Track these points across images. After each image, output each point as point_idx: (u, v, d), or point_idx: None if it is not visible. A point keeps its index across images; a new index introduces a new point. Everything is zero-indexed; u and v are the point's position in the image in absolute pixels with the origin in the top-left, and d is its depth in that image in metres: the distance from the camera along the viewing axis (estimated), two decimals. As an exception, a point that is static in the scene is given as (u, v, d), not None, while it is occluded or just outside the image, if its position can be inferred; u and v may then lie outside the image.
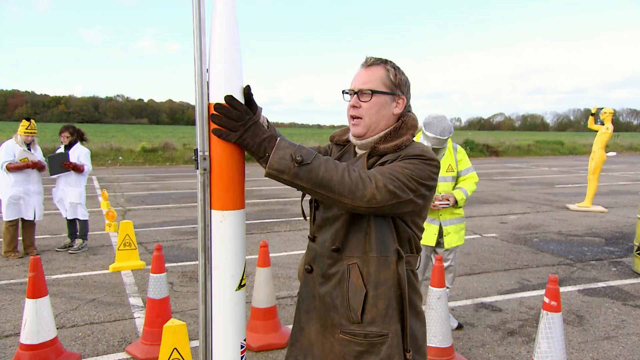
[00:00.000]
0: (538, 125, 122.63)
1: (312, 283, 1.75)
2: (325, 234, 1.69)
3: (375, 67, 1.69)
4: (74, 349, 3.86)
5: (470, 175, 4.23)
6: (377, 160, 1.67)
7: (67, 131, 6.96)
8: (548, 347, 3.22)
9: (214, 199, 1.56)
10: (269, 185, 14.76)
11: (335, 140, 1.86)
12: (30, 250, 6.72)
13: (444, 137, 3.80)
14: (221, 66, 1.52)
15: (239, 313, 1.60)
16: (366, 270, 1.62)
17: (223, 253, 1.57)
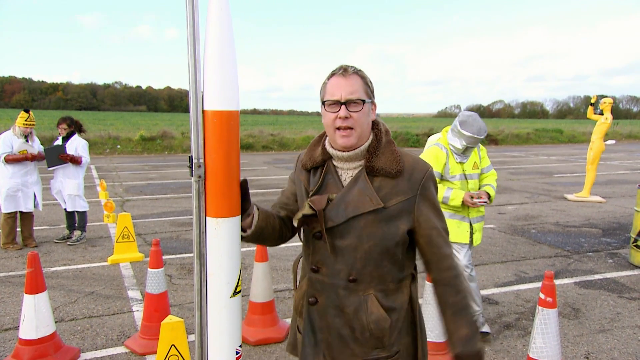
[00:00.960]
0: (537, 113, 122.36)
1: (318, 315, 1.69)
2: (339, 265, 1.63)
3: (354, 76, 1.64)
4: (73, 342, 3.89)
5: (491, 173, 4.19)
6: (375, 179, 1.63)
7: (64, 122, 6.92)
8: (543, 342, 3.25)
9: (209, 206, 1.57)
10: (267, 175, 14.76)
11: (310, 165, 1.75)
12: (29, 242, 6.74)
13: (480, 137, 3.77)
14: (216, 74, 1.52)
15: (234, 319, 1.61)
16: (384, 299, 1.64)
17: (218, 260, 1.57)
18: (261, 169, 16.17)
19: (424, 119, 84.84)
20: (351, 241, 1.60)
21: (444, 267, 1.66)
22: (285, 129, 31.55)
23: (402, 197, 1.61)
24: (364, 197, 1.60)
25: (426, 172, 1.66)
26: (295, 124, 42.77)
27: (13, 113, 55.70)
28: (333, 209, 1.61)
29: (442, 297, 1.67)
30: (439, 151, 3.95)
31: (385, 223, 1.59)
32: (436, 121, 58.96)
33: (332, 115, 1.63)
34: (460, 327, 1.62)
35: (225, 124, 1.54)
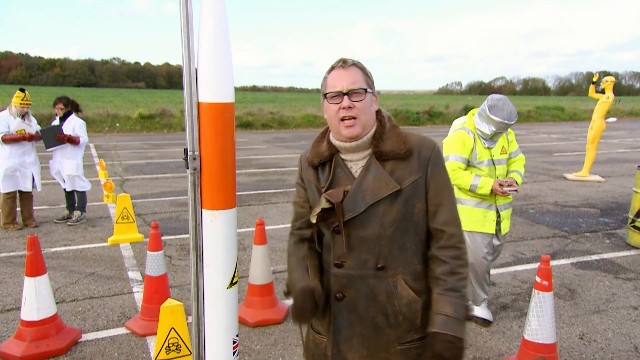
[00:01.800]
0: (539, 89, 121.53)
1: (347, 310, 1.66)
2: (364, 254, 1.62)
3: (353, 68, 1.65)
4: (74, 323, 3.94)
5: (519, 158, 4.02)
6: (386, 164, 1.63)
7: (61, 102, 6.88)
8: (538, 325, 3.30)
9: (205, 198, 1.57)
10: (266, 154, 14.73)
11: (317, 161, 1.72)
12: (29, 222, 6.77)
13: (511, 122, 3.63)
14: (210, 66, 1.50)
15: (230, 310, 1.62)
16: (413, 282, 1.64)
17: (214, 252, 1.58)
18: (260, 148, 16.14)
19: (425, 96, 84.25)
20: (374, 229, 1.60)
21: (445, 245, 1.64)
22: (285, 107, 31.38)
23: (415, 175, 1.62)
24: (379, 182, 1.60)
25: (433, 148, 1.67)
26: (295, 102, 42.51)
27: (10, 89, 55.22)
28: (350, 200, 1.61)
29: (435, 273, 1.64)
30: (466, 136, 3.79)
31: (404, 205, 1.60)
32: (437, 98, 58.56)
33: (335, 107, 1.62)
34: (444, 305, 1.58)
35: (219, 116, 1.53)
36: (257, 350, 3.58)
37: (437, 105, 31.95)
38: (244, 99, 46.84)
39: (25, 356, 3.39)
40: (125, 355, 3.48)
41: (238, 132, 22.43)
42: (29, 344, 3.44)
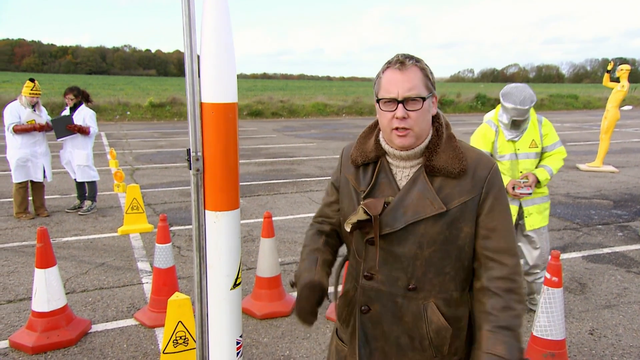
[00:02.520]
0: (553, 77, 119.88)
1: (371, 323, 1.57)
2: (396, 272, 1.51)
3: (412, 69, 1.47)
4: (84, 314, 3.99)
5: (557, 151, 3.82)
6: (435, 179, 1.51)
7: (71, 93, 6.90)
8: (547, 321, 3.27)
9: (208, 199, 1.55)
10: (276, 144, 14.72)
11: (361, 161, 1.60)
12: (41, 211, 6.84)
13: (524, 107, 3.56)
14: (213, 66, 1.47)
15: (234, 311, 1.62)
16: (446, 308, 1.52)
17: (217, 253, 1.57)
18: (270, 137, 16.12)
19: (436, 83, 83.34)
20: (410, 248, 1.48)
21: (497, 276, 1.48)
22: (295, 95, 31.27)
23: (465, 197, 1.48)
24: (424, 200, 1.47)
25: (491, 168, 1.52)
26: (305, 89, 42.35)
27: (24, 77, 55.69)
28: (390, 214, 1.48)
29: (485, 307, 1.47)
30: (488, 129, 3.79)
31: (448, 227, 1.47)
32: (448, 86, 57.98)
33: (388, 115, 1.47)
34: (496, 345, 1.41)
35: (222, 116, 1.51)
36: (265, 343, 3.60)
37: (449, 93, 31.64)
38: (254, 87, 46.78)
39: (37, 346, 3.43)
40: (134, 347, 3.52)
41: (248, 121, 22.45)
42: (40, 335, 3.49)
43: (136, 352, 3.45)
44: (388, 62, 1.51)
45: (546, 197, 3.91)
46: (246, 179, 9.39)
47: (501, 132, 3.76)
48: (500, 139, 3.76)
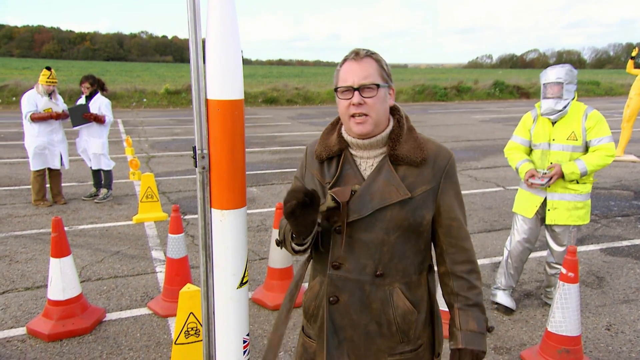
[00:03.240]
0: (574, 62, 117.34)
1: (340, 314, 1.59)
2: (364, 259, 1.55)
3: (367, 60, 1.54)
4: (99, 302, 4.04)
5: (602, 147, 3.53)
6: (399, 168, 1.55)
7: (87, 81, 6.94)
8: (562, 317, 3.21)
9: (214, 197, 1.53)
10: (290, 132, 14.69)
11: (325, 155, 1.64)
12: (58, 199, 6.93)
13: (552, 70, 3.50)
14: (219, 61, 1.44)
15: (241, 310, 1.60)
16: (408, 292, 1.59)
17: (224, 252, 1.56)
18: (285, 125, 16.09)
19: (454, 70, 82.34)
20: (377, 234, 1.53)
21: (460, 260, 1.61)
22: (310, 82, 31.13)
23: (427, 185, 1.55)
24: (389, 187, 1.52)
25: (449, 159, 1.60)
26: (321, 76, 42.11)
27: (43, 63, 56.27)
28: (357, 201, 1.52)
29: (453, 289, 1.61)
30: (528, 116, 3.78)
31: (412, 213, 1.53)
32: (466, 72, 57.18)
33: (345, 103, 1.54)
34: (469, 321, 1.57)
35: (229, 113, 1.48)
36: (276, 334, 3.60)
37: (466, 80, 31.19)
38: (270, 74, 46.66)
39: (53, 334, 3.49)
40: (147, 336, 3.56)
41: (263, 108, 22.44)
42: (55, 323, 3.55)
43: (149, 342, 3.49)
44: (345, 57, 1.58)
45: (581, 196, 3.65)
46: (260, 168, 9.39)
47: (539, 121, 3.68)
48: (537, 127, 3.68)
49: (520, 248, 3.88)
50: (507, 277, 3.96)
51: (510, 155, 3.84)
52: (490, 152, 11.28)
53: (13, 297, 4.15)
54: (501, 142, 12.32)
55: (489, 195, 7.48)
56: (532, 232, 3.84)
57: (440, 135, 13.97)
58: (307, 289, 1.71)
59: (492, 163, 10.00)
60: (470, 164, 9.96)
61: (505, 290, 3.98)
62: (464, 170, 9.32)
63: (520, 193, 3.90)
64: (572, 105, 3.62)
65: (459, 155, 10.83)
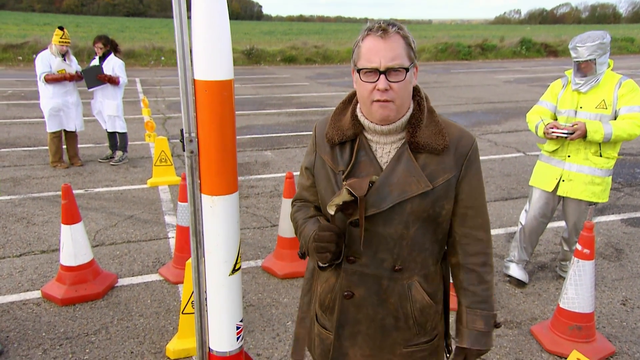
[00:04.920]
0: (608, 17, 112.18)
1: (355, 307, 1.53)
2: (382, 254, 1.46)
3: (394, 37, 1.36)
4: (111, 268, 4.10)
5: (631, 115, 3.31)
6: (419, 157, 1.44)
7: (100, 42, 6.85)
8: (575, 293, 3.14)
9: (204, 183, 1.47)
10: (308, 92, 14.47)
11: (338, 139, 1.50)
12: (75, 160, 6.99)
13: (583, 45, 3.28)
14: (205, 39, 1.34)
15: (233, 296, 1.57)
16: (426, 284, 1.53)
17: (215, 238, 1.51)
18: (302, 85, 15.85)
19: (479, 26, 79.56)
20: (397, 228, 1.43)
21: (473, 252, 1.52)
22: (330, 39, 30.46)
23: (448, 174, 1.44)
24: (410, 178, 1.41)
25: (472, 144, 1.48)
26: (342, 33, 41.16)
27: (63, 19, 56.31)
28: (376, 194, 1.41)
29: (462, 283, 1.54)
30: (557, 82, 3.64)
31: (432, 205, 1.43)
32: (492, 29, 55.18)
33: (368, 86, 1.38)
34: (476, 320, 1.52)
35: (217, 94, 1.40)
36: (285, 303, 3.62)
37: (491, 37, 30.12)
38: (289, 31, 45.78)
39: (66, 299, 3.56)
40: (158, 302, 3.61)
41: (281, 67, 22.10)
42: (68, 288, 3.61)
43: (159, 308, 3.54)
44: (368, 28, 1.39)
45: (601, 171, 3.48)
46: (276, 130, 9.30)
47: (569, 87, 3.51)
48: (565, 93, 3.52)
49: (534, 223, 3.76)
50: (520, 251, 3.87)
51: (531, 117, 3.66)
52: (512, 115, 10.95)
53: (29, 259, 4.24)
54: (524, 105, 11.93)
55: (509, 161, 7.29)
56: (548, 206, 3.71)
57: (461, 97, 13.61)
58: (322, 279, 1.61)
59: (514, 127, 9.72)
60: (490, 127, 9.70)
61: (519, 263, 3.90)
62: (483, 134, 9.09)
63: (539, 166, 3.74)
64: (605, 74, 3.41)
65: (479, 118, 10.55)
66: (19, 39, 23.34)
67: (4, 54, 20.87)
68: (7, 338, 3.17)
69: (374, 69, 1.36)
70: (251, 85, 15.78)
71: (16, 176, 6.44)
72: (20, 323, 3.34)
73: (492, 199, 5.78)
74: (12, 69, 19.23)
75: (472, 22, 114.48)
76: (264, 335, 3.25)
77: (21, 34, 27.10)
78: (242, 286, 3.81)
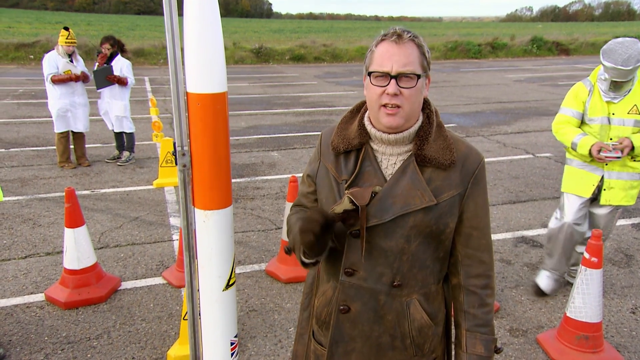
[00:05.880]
0: (622, 14, 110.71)
1: (350, 323, 1.49)
2: (381, 267, 1.42)
3: (409, 44, 1.36)
4: (115, 270, 4.10)
5: None
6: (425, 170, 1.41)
7: (107, 42, 6.87)
8: (582, 303, 3.08)
9: (197, 197, 1.44)
10: (316, 92, 14.43)
11: (343, 148, 1.48)
12: (82, 161, 7.02)
13: (626, 68, 3.11)
14: (198, 51, 1.32)
15: (228, 312, 1.54)
16: (426, 303, 1.48)
17: (208, 253, 1.48)
18: (310, 84, 15.80)
19: (490, 24, 78.96)
20: (398, 241, 1.40)
21: (475, 274, 1.48)
22: (339, 38, 30.39)
23: (454, 190, 1.41)
24: (414, 191, 1.38)
25: (479, 162, 1.45)
26: (351, 31, 41.03)
27: (76, 17, 56.78)
28: (378, 204, 1.38)
29: (463, 306, 1.49)
30: (581, 87, 3.44)
31: (435, 221, 1.40)
32: (503, 26, 54.70)
33: (378, 90, 1.37)
34: (475, 344, 1.47)
35: (210, 108, 1.36)
36: (287, 308, 3.59)
37: (502, 35, 29.87)
38: (299, 28, 45.74)
39: (69, 302, 3.56)
40: (160, 307, 3.60)
41: (290, 66, 22.07)
42: (71, 291, 3.62)
43: (162, 313, 3.53)
44: (384, 34, 1.39)
45: (637, 174, 3.42)
46: (283, 130, 9.28)
47: (596, 92, 3.36)
48: (594, 100, 3.36)
49: (569, 230, 3.60)
50: (552, 260, 3.73)
51: (562, 129, 3.48)
52: (522, 115, 10.83)
53: (34, 262, 4.25)
54: (535, 105, 11.79)
55: (517, 163, 7.21)
56: (583, 212, 3.58)
57: (470, 96, 13.49)
58: (320, 293, 1.58)
59: (523, 127, 9.61)
60: (499, 128, 9.59)
61: (550, 272, 3.76)
62: (492, 135, 8.99)
63: (572, 171, 3.59)
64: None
65: (488, 119, 10.45)
66: (31, 37, 23.55)
67: (16, 53, 21.06)
68: (9, 342, 3.17)
69: (385, 73, 1.35)
70: (259, 85, 15.77)
71: (24, 176, 6.47)
72: (23, 327, 3.34)
73: (500, 202, 5.71)
74: (24, 68, 19.40)
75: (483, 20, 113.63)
76: (265, 342, 3.22)
77: (33, 33, 27.35)
78: (246, 290, 3.81)
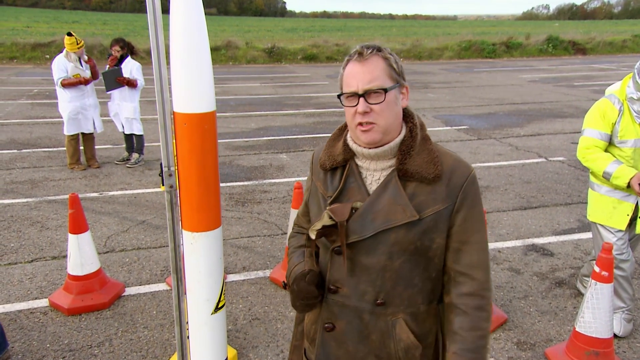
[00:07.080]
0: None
1: (335, 343, 1.47)
2: (363, 285, 1.41)
3: (372, 59, 1.35)
4: (120, 276, 4.09)
5: None
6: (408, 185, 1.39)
7: (117, 44, 6.90)
8: (593, 318, 2.99)
9: (184, 219, 1.40)
10: (327, 92, 14.36)
11: (329, 165, 1.48)
12: (92, 162, 7.06)
13: None
14: (184, 70, 1.27)
15: (216, 335, 1.50)
16: (414, 323, 1.44)
17: (196, 276, 1.44)
18: (322, 85, 15.74)
19: (505, 22, 78.11)
20: (379, 258, 1.38)
21: (466, 292, 1.41)
22: (352, 37, 30.28)
23: (440, 205, 1.37)
24: (395, 206, 1.36)
25: (468, 176, 1.41)
26: (365, 30, 40.88)
27: (92, 17, 57.31)
28: (358, 220, 1.38)
29: (452, 326, 1.42)
30: (609, 106, 3.11)
31: (420, 237, 1.36)
32: (518, 25, 54.06)
33: (351, 110, 1.38)
34: None
35: (197, 128, 1.33)
36: (290, 317, 3.55)
37: (517, 34, 29.50)
38: (312, 27, 45.71)
39: (72, 308, 3.56)
40: (163, 314, 3.58)
41: (302, 66, 22.03)
42: (75, 297, 3.61)
43: (164, 320, 3.51)
44: (349, 55, 1.41)
45: None
46: (292, 132, 9.24)
47: (627, 112, 3.07)
48: (624, 121, 3.07)
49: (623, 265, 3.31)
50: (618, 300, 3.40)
51: (591, 155, 3.17)
52: (535, 117, 10.66)
53: (40, 265, 4.27)
54: (549, 107, 11.60)
55: (529, 167, 7.08)
56: (623, 240, 3.30)
57: (483, 97, 13.33)
58: None
59: (537, 130, 9.45)
60: (512, 130, 9.45)
61: (616, 312, 3.39)
62: (504, 137, 8.86)
63: (601, 199, 3.30)
64: None
65: (501, 121, 10.30)
66: (48, 37, 23.82)
67: (32, 53, 21.32)
68: (12, 348, 3.18)
69: (353, 93, 1.36)
70: (271, 85, 15.76)
71: (34, 178, 6.52)
72: (26, 333, 3.35)
73: (510, 208, 5.61)
74: (40, 68, 19.63)
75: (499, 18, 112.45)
76: (267, 352, 3.19)
77: (50, 32, 27.67)
78: (249, 298, 3.78)
